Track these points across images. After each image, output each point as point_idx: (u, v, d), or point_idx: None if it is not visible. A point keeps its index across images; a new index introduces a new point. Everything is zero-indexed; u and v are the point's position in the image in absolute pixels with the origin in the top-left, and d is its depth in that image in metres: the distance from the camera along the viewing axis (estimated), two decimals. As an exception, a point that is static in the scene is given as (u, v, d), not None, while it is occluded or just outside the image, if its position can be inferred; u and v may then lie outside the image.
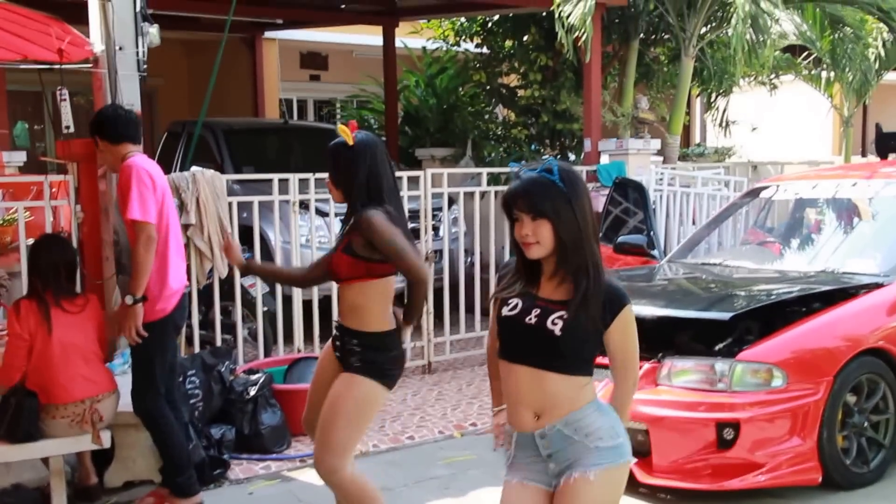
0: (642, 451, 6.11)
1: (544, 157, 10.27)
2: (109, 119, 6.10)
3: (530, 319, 3.71)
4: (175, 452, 5.92)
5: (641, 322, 6.25)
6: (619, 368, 3.84)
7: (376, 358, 4.89)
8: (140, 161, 5.92)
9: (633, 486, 6.06)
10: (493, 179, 10.91)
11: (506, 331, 3.80)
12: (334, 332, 5.04)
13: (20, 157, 10.22)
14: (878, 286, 6.67)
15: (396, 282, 4.97)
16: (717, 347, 6.14)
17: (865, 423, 6.31)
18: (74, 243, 7.24)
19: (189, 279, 7.80)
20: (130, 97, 7.18)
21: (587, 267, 3.65)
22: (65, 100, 7.28)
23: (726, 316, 6.19)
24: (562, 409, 3.71)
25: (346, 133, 4.87)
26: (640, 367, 6.08)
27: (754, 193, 8.79)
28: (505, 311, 3.78)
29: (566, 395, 3.70)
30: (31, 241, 6.74)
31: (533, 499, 3.79)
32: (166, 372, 5.97)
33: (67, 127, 7.35)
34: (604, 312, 3.67)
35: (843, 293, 6.57)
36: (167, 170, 11.25)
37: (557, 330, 3.66)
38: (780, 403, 5.94)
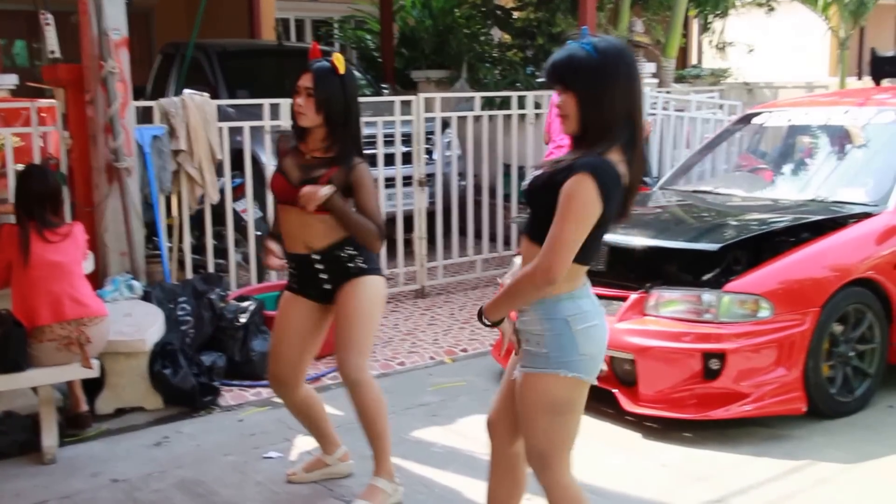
0: (628, 381, 6.16)
1: (540, 80, 10.23)
2: None
3: (528, 186, 3.74)
4: None
5: (630, 252, 6.39)
6: None
7: (370, 254, 4.95)
8: None
9: (619, 414, 6.15)
10: (488, 103, 10.86)
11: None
12: (314, 266, 4.95)
13: (12, 79, 10.12)
14: (867, 216, 6.65)
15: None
16: (704, 278, 6.15)
17: (851, 353, 6.33)
18: (63, 169, 7.25)
19: (180, 205, 7.83)
20: (116, 22, 7.13)
21: (589, 146, 3.55)
22: (49, 24, 7.24)
23: (714, 247, 6.17)
24: None
25: (339, 60, 4.84)
26: (628, 298, 6.22)
27: (746, 120, 8.74)
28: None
29: None
30: (20, 166, 6.74)
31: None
32: None
33: (53, 52, 7.31)
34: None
35: (832, 223, 6.55)
36: (162, 93, 11.28)
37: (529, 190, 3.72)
38: (767, 334, 5.95)
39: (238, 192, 8.63)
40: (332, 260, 4.92)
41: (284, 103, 8.36)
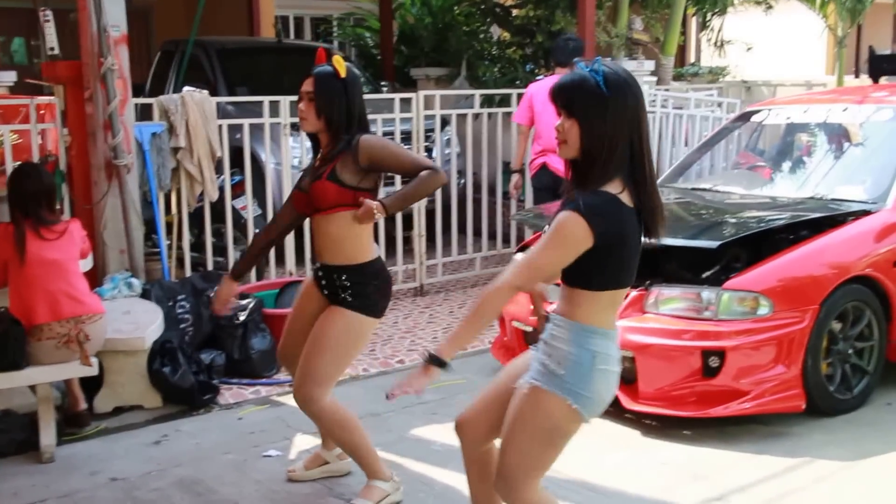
0: (628, 378, 6.14)
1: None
2: None
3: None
4: None
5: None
6: None
7: (365, 290, 4.88)
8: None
9: (618, 412, 6.14)
10: (487, 101, 10.85)
11: None
12: (317, 273, 5.01)
13: (10, 76, 10.11)
14: (866, 213, 6.65)
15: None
16: (704, 275, 6.16)
17: (850, 351, 6.34)
18: (63, 167, 7.24)
19: (179, 202, 7.83)
20: (115, 18, 7.12)
21: (586, 175, 3.55)
22: (49, 21, 7.23)
23: (714, 244, 6.14)
24: (561, 306, 3.67)
25: (340, 63, 4.84)
26: (628, 295, 6.20)
27: (745, 117, 8.73)
28: None
29: (576, 299, 3.61)
30: (18, 164, 6.73)
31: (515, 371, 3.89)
32: None
33: (52, 49, 7.30)
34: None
35: (831, 220, 6.56)
36: (161, 90, 11.27)
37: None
38: (766, 332, 5.95)
39: (237, 190, 8.64)
40: (328, 277, 4.94)
41: (284, 100, 8.37)
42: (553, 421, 3.63)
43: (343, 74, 4.82)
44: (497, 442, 3.91)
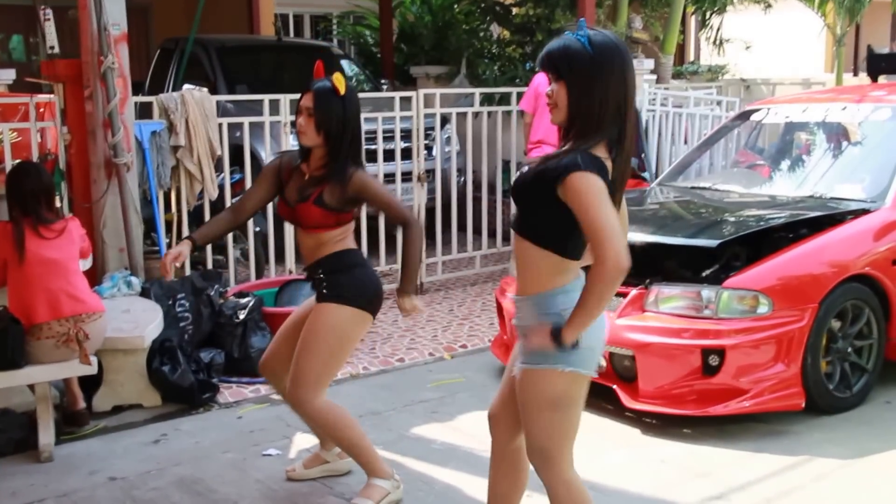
0: (628, 377, 6.15)
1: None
2: None
3: (515, 184, 3.73)
4: None
5: (630, 248, 6.34)
6: None
7: (340, 280, 4.88)
8: None
9: (618, 410, 6.15)
10: (487, 99, 10.85)
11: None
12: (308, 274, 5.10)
13: (9, 74, 10.08)
14: (865, 212, 6.65)
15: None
16: (704, 274, 6.16)
17: (849, 349, 6.34)
18: (62, 165, 7.24)
19: (179, 201, 7.83)
20: (115, 16, 7.12)
21: (575, 138, 3.54)
22: (49, 19, 7.23)
23: (714, 243, 6.17)
24: (528, 283, 3.69)
25: (340, 81, 4.83)
26: (628, 294, 6.21)
27: (745, 116, 8.73)
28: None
29: (536, 267, 3.61)
30: (18, 162, 6.72)
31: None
32: None
33: (52, 47, 7.29)
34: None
35: (830, 219, 6.56)
36: (160, 88, 11.27)
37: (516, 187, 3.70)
38: (766, 330, 5.95)
39: (237, 188, 8.62)
40: (313, 276, 4.97)
41: (283, 99, 8.37)
42: (553, 392, 3.64)
43: (342, 91, 4.83)
44: (522, 441, 3.94)
